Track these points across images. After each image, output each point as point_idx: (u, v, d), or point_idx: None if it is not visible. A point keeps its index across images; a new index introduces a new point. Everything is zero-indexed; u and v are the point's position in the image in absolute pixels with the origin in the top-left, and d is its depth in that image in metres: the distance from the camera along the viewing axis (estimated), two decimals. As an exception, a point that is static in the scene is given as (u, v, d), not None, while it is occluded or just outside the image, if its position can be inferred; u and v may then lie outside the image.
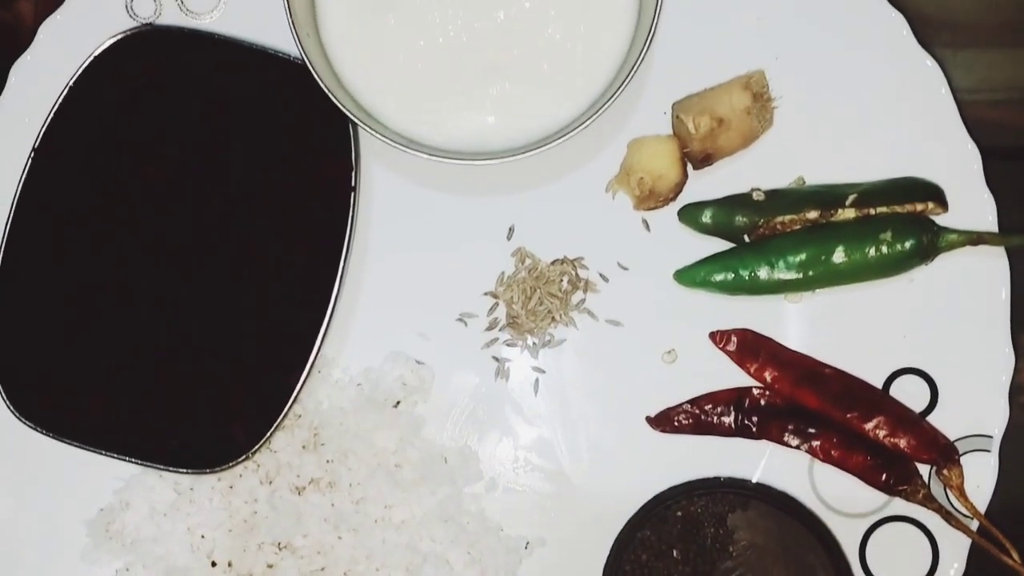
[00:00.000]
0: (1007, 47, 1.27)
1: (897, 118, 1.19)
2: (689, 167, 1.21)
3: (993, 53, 1.27)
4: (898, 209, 1.16)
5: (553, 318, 1.22)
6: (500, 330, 1.22)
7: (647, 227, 1.22)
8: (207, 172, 1.17)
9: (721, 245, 1.21)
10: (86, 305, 1.16)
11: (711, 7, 1.22)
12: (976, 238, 1.14)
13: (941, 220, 1.17)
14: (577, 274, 1.22)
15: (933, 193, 1.16)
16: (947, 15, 1.27)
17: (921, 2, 1.26)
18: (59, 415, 1.16)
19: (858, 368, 1.19)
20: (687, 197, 1.22)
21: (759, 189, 1.20)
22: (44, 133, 1.17)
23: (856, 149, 1.20)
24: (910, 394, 1.18)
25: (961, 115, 1.20)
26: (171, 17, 1.23)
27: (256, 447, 1.15)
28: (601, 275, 1.23)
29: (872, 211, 1.16)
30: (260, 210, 1.17)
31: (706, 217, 1.20)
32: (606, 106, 1.11)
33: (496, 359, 1.22)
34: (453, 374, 1.22)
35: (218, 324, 1.17)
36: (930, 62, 1.19)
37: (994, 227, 1.16)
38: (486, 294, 1.23)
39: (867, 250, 1.14)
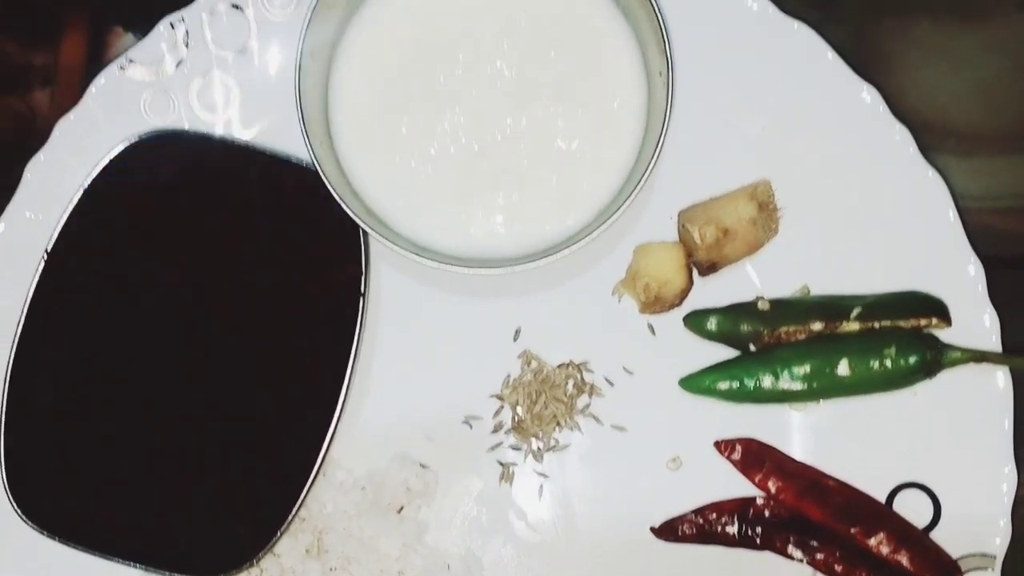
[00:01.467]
0: (1012, 155, 1.29)
1: (902, 230, 1.20)
2: (694, 273, 1.22)
3: (998, 161, 1.28)
4: (902, 323, 1.16)
5: (558, 423, 1.22)
6: (505, 433, 1.23)
7: (652, 331, 1.23)
8: (218, 276, 1.18)
9: (726, 351, 1.22)
10: (94, 408, 1.17)
11: (717, 115, 1.23)
12: (979, 357, 1.15)
13: (945, 334, 1.17)
14: (583, 378, 1.23)
15: (937, 308, 1.17)
16: (952, 123, 1.29)
17: (926, 110, 1.28)
18: (65, 518, 1.16)
19: (862, 480, 1.19)
20: (692, 300, 1.23)
21: (764, 298, 1.20)
22: (57, 236, 1.18)
23: (860, 259, 1.21)
24: (913, 509, 1.18)
25: (965, 223, 1.20)
26: (185, 115, 1.24)
27: (261, 553, 1.15)
28: (607, 379, 1.23)
29: (876, 324, 1.17)
30: (270, 314, 1.18)
31: (711, 325, 1.20)
32: (613, 218, 1.13)
33: (501, 463, 1.22)
34: (457, 477, 1.22)
35: (225, 427, 1.17)
36: (934, 175, 1.20)
37: (997, 344, 1.17)
38: (492, 396, 1.23)
39: (871, 364, 1.15)
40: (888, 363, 1.14)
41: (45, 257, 1.18)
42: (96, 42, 1.36)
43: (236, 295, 1.18)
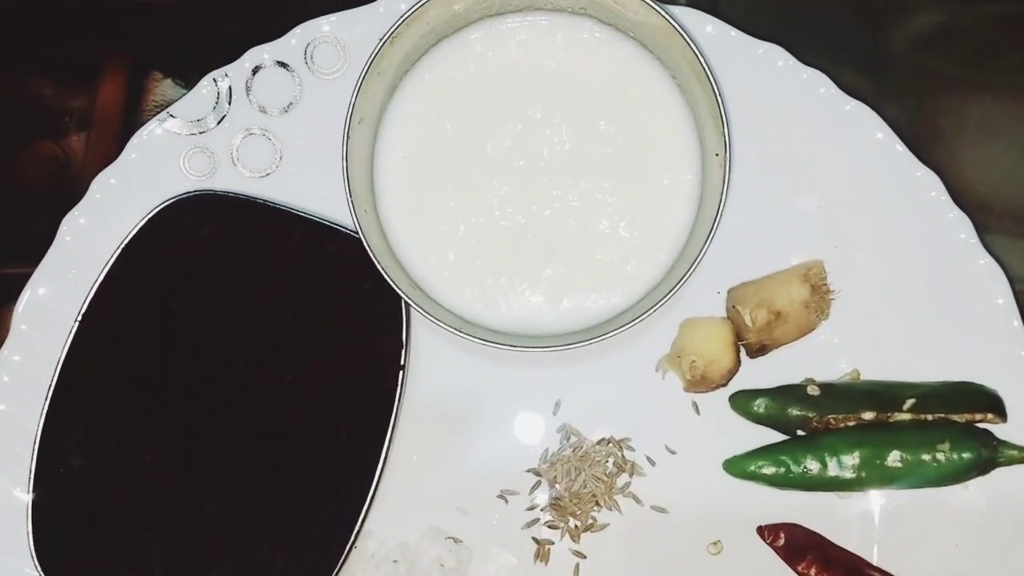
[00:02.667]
0: (1069, 237, 1.26)
1: (956, 317, 1.17)
2: (742, 352, 1.20)
3: (1054, 243, 1.26)
4: (955, 417, 1.13)
5: (597, 502, 1.19)
6: (542, 510, 1.20)
7: (697, 410, 1.20)
8: (255, 343, 1.16)
9: (772, 433, 1.19)
10: (126, 475, 1.14)
11: (770, 192, 1.20)
12: (1037, 457, 1.12)
13: (999, 429, 1.15)
14: (623, 456, 1.20)
15: (992, 403, 1.14)
16: (1009, 203, 1.26)
17: (982, 189, 1.25)
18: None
19: (907, 571, 1.15)
20: (738, 380, 1.20)
21: (814, 382, 1.17)
22: (92, 297, 1.15)
23: (913, 346, 1.18)
24: (960, 604, 1.15)
25: (1021, 307, 1.17)
26: (225, 175, 1.22)
27: (291, 628, 1.13)
28: (648, 458, 1.20)
29: (929, 417, 1.14)
30: (307, 382, 1.15)
31: (758, 407, 1.17)
32: (662, 302, 1.10)
33: (536, 540, 1.19)
34: (491, 553, 1.19)
35: (259, 496, 1.14)
36: (990, 263, 1.17)
37: (1054, 442, 1.14)
38: (529, 471, 1.20)
39: (923, 458, 1.12)
40: (941, 458, 1.12)
41: (79, 319, 1.15)
42: (134, 86, 1.34)
43: (273, 363, 1.16)
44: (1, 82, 1.33)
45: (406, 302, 1.13)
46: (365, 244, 1.10)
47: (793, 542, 1.16)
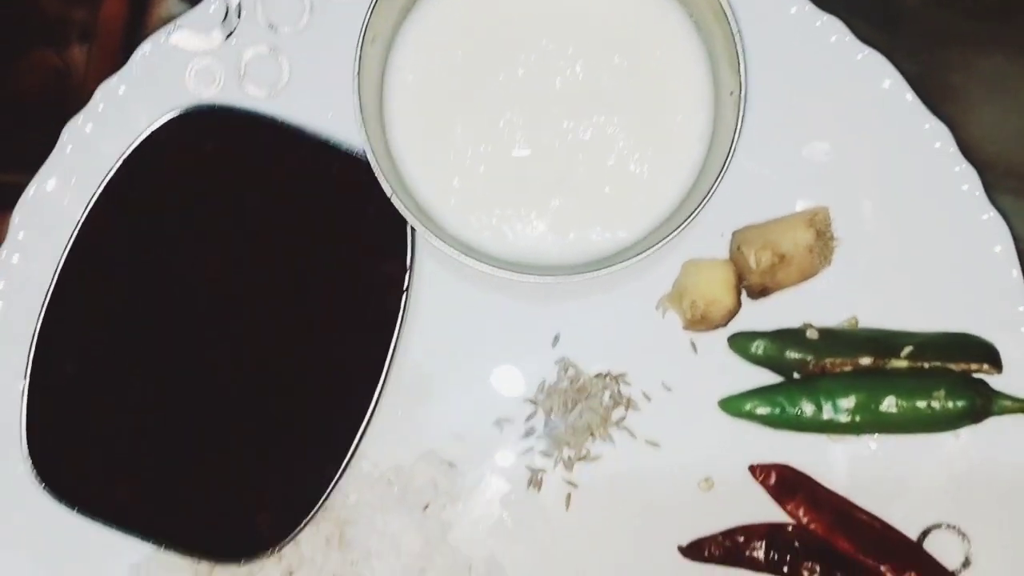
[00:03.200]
0: (1071, 197, 1.27)
1: (957, 271, 1.18)
2: (743, 294, 1.20)
3: (1057, 203, 1.27)
4: (951, 366, 1.15)
5: (592, 433, 1.20)
6: (537, 439, 1.21)
7: (695, 349, 1.21)
8: (257, 261, 1.15)
9: (768, 375, 1.20)
10: (123, 385, 1.14)
11: (779, 137, 1.20)
12: (1030, 407, 1.14)
13: (994, 380, 1.16)
14: (620, 390, 1.21)
15: (988, 354, 1.15)
16: (1013, 163, 1.26)
17: (988, 147, 1.25)
18: (87, 491, 1.13)
19: (894, 515, 1.17)
20: (737, 321, 1.21)
21: (813, 327, 1.18)
22: (93, 206, 1.14)
23: (912, 296, 1.19)
24: (945, 550, 1.16)
25: (1022, 263, 1.18)
26: (232, 90, 1.21)
27: (283, 543, 1.13)
28: (644, 394, 1.21)
29: (925, 365, 1.15)
30: (308, 302, 1.15)
31: (757, 348, 1.18)
32: (668, 238, 1.10)
33: (530, 468, 1.20)
34: (485, 479, 1.20)
35: (257, 413, 1.15)
36: (996, 217, 1.17)
37: (1047, 394, 1.16)
38: (526, 401, 1.21)
39: (918, 404, 1.13)
40: (936, 405, 1.13)
41: (78, 227, 1.14)
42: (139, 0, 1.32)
43: (275, 281, 1.15)
44: (2, -12, 1.30)
45: (411, 225, 1.12)
46: (373, 165, 1.10)
47: (784, 482, 1.18)
